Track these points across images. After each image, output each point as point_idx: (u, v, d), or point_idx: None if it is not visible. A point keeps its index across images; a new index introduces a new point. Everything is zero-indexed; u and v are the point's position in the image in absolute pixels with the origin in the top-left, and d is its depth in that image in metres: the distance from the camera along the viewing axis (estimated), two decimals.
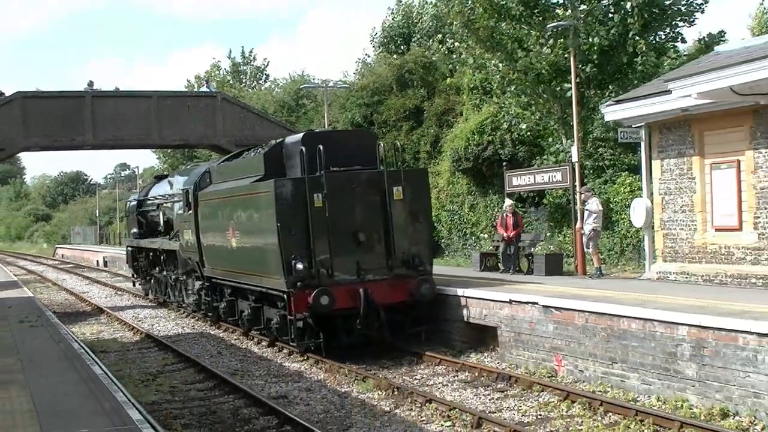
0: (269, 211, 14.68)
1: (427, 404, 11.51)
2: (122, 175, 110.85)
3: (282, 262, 14.33)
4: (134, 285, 30.96)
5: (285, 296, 14.67)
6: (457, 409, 10.84)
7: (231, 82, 61.44)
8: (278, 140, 17.03)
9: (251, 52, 65.58)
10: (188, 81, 62.69)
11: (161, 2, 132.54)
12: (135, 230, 28.99)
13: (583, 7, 22.01)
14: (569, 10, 21.81)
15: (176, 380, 14.05)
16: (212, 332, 19.67)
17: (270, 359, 15.73)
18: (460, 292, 15.28)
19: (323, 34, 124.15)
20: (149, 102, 28.81)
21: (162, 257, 24.70)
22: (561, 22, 20.75)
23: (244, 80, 63.85)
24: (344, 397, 12.42)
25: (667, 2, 22.58)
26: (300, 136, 15.94)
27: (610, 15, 22.19)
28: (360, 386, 12.96)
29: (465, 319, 15.04)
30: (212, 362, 15.52)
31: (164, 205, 25.39)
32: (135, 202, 28.72)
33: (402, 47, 41.26)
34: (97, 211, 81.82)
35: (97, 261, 50.94)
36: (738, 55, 13.28)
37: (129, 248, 29.32)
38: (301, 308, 14.49)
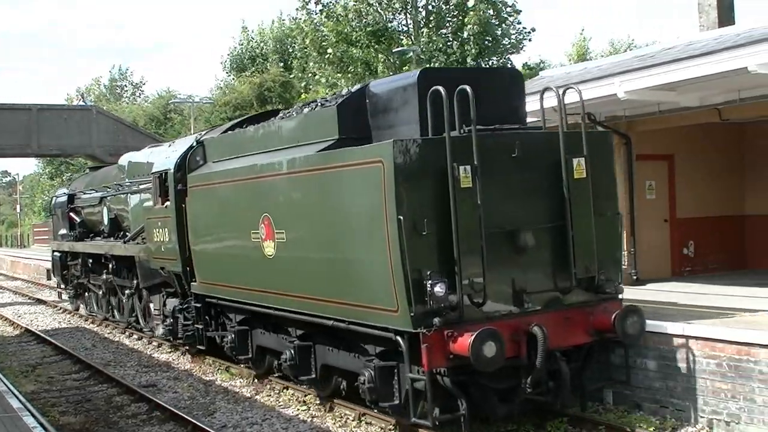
0: (376, 195, 7.87)
1: (284, 390, 11.34)
2: (3, 181, 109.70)
3: (404, 283, 7.61)
4: (61, 297, 23.12)
5: (399, 339, 7.98)
6: (312, 395, 10.55)
7: (108, 96, 64.37)
8: (357, 86, 9.84)
9: (127, 69, 71.05)
10: (68, 94, 67.76)
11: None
12: (64, 231, 20.86)
13: (425, 35, 24.25)
14: (413, 39, 24.21)
15: (54, 371, 14.27)
16: (87, 327, 19.51)
17: (140, 351, 15.80)
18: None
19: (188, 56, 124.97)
20: (29, 114, 30.20)
21: (110, 265, 17.42)
22: (405, 48, 22.85)
23: (123, 95, 67.50)
24: (209, 384, 12.40)
25: (499, 33, 25.42)
26: (413, 75, 8.75)
27: (449, 43, 24.64)
28: (223, 375, 12.89)
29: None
30: (87, 354, 15.59)
31: (110, 198, 18.12)
32: (65, 197, 21.03)
33: (251, 68, 43.08)
34: None
35: None
36: (559, 80, 13.28)
37: (56, 253, 21.68)
38: (440, 361, 7.75)
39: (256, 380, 11.98)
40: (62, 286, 22.04)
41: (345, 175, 8.55)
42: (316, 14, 27.56)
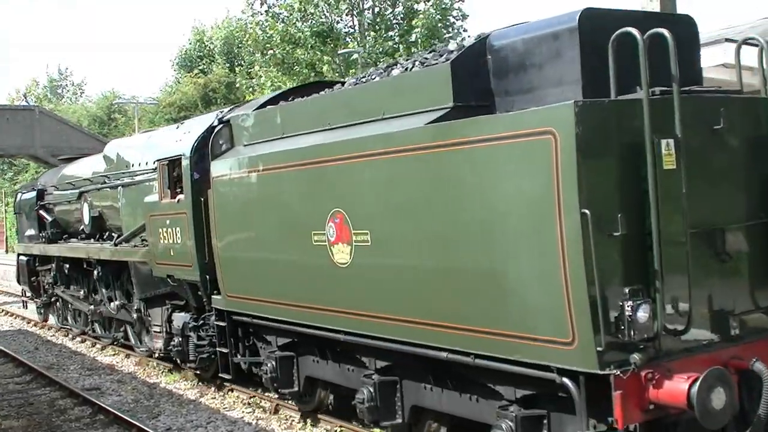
0: (540, 180, 5.58)
1: (229, 393, 11.15)
2: None
3: (589, 304, 5.33)
4: (25, 307, 20.01)
5: (569, 382, 5.72)
6: (256, 397, 10.56)
7: (49, 97, 63.47)
8: (477, 38, 7.21)
9: (66, 69, 70.60)
10: (9, 94, 66.81)
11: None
12: (32, 232, 17.95)
13: (371, 38, 24.17)
14: (358, 41, 24.03)
15: None
16: (30, 329, 19.14)
17: (84, 353, 15.44)
18: None
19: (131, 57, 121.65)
20: None
21: (96, 272, 14.67)
22: (350, 50, 22.60)
23: (64, 95, 66.62)
24: (153, 387, 12.15)
25: (447, 36, 24.94)
26: (571, 17, 6.20)
27: (396, 46, 24.27)
28: (168, 377, 12.56)
29: None
30: (29, 357, 15.18)
31: (93, 193, 15.11)
32: (32, 194, 18.16)
33: (200, 70, 43.24)
34: None
35: None
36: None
37: (22, 257, 18.79)
38: (635, 413, 5.45)
39: (200, 383, 11.75)
40: (28, 294, 19.10)
41: (482, 154, 6.18)
42: (261, 14, 27.46)
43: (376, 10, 26.99)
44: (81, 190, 15.37)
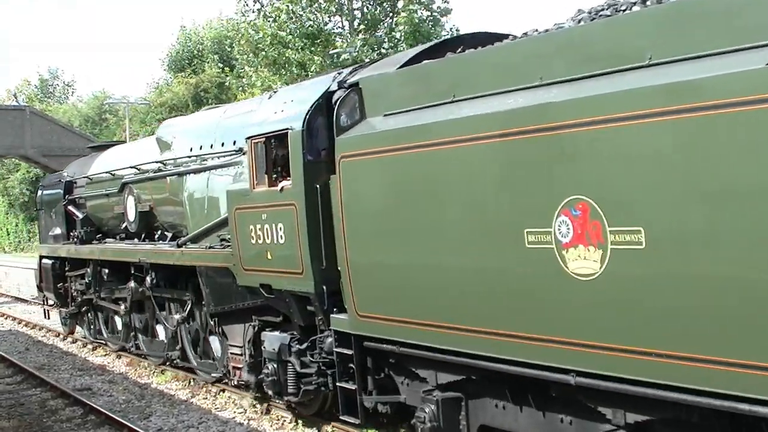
0: None
1: (220, 393, 11.05)
2: None
3: None
4: (47, 316, 17.54)
5: None
6: (248, 397, 10.31)
7: (40, 96, 63.49)
8: None
9: (57, 69, 70.34)
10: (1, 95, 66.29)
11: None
12: (59, 231, 15.62)
13: (360, 37, 24.77)
14: (348, 41, 24.68)
15: None
16: (21, 330, 19.14)
17: (75, 354, 15.31)
18: None
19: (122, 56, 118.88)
20: None
21: (149, 278, 12.02)
22: (340, 50, 23.11)
23: (54, 94, 66.81)
24: (144, 388, 12.03)
25: (432, 32, 25.32)
26: None
27: (383, 44, 25.07)
28: (159, 378, 12.43)
29: None
30: (20, 357, 15.00)
31: (141, 183, 12.38)
32: (59, 187, 15.63)
33: (189, 69, 43.55)
34: None
35: None
36: None
37: (47, 261, 16.19)
38: None
39: (191, 383, 11.64)
40: (51, 302, 16.57)
41: None
42: (254, 12, 27.72)
43: (365, 9, 27.32)
44: (124, 180, 12.87)
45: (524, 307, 5.92)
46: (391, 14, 26.95)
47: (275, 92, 9.45)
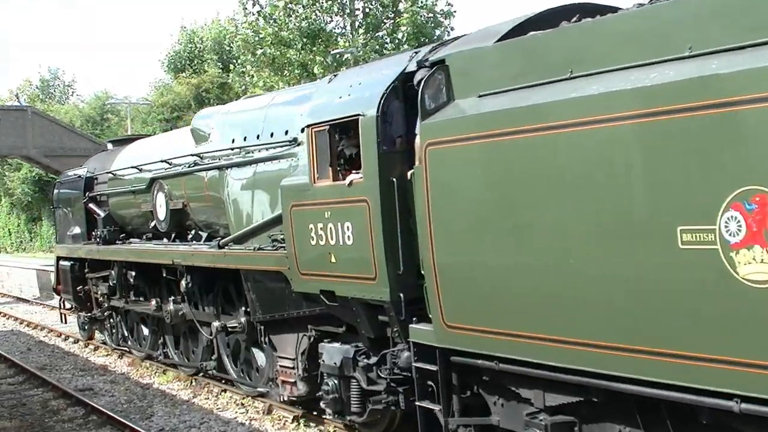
0: None
1: (222, 393, 11.03)
2: None
3: None
4: (64, 321, 16.67)
5: None
6: (249, 398, 10.38)
7: (41, 97, 63.86)
8: None
9: (57, 69, 70.08)
10: (2, 95, 66.50)
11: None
12: (78, 230, 14.73)
13: (361, 37, 24.79)
14: (350, 40, 24.71)
15: None
16: (22, 330, 19.10)
17: (77, 354, 15.27)
18: None
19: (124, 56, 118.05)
20: None
21: (186, 282, 10.96)
22: (342, 50, 23.10)
23: (55, 94, 67.12)
24: (146, 388, 12.01)
25: (436, 34, 25.33)
26: None
27: (386, 45, 25.27)
28: (161, 378, 12.39)
29: None
30: (22, 358, 15.00)
31: (173, 178, 11.47)
32: (79, 183, 14.61)
33: (189, 70, 43.84)
34: None
35: None
36: None
37: (65, 262, 15.18)
38: None
39: (193, 383, 11.60)
40: (68, 306, 15.65)
41: None
42: (253, 14, 27.49)
43: (366, 9, 27.17)
44: (153, 176, 11.93)
45: (673, 319, 4.99)
46: (393, 15, 26.82)
47: (335, 76, 8.52)
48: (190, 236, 11.37)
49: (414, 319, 7.14)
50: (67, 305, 15.71)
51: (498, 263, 6.13)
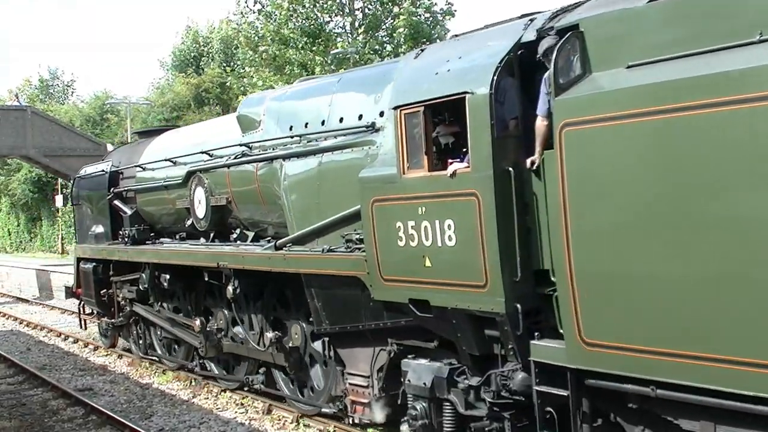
0: None
1: (222, 393, 10.98)
2: None
3: None
4: (84, 327, 15.33)
5: None
6: (249, 397, 10.38)
7: (41, 97, 63.77)
8: None
9: (57, 69, 69.61)
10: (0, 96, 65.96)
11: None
12: (101, 229, 13.51)
13: (361, 37, 24.94)
14: (349, 40, 24.86)
15: None
16: (22, 330, 19.06)
17: (76, 354, 15.19)
18: None
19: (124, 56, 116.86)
20: None
21: (234, 286, 9.61)
22: (341, 50, 23.25)
23: (54, 94, 66.85)
24: (146, 388, 11.98)
25: (434, 35, 25.39)
26: None
27: (385, 44, 25.33)
28: (160, 378, 12.36)
29: None
30: (22, 357, 14.90)
31: (215, 171, 10.24)
32: (102, 177, 13.35)
33: (194, 69, 43.82)
34: None
35: None
36: None
37: (86, 264, 13.85)
38: None
39: (193, 383, 11.59)
40: (88, 311, 14.54)
41: None
42: (254, 13, 27.69)
43: (366, 10, 27.21)
44: (191, 169, 10.83)
45: None
46: (391, 15, 26.68)
47: (422, 50, 7.42)
48: (234, 236, 10.27)
49: (536, 334, 6.06)
50: (87, 309, 14.56)
51: (662, 269, 5.06)
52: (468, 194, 6.30)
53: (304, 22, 26.00)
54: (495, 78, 6.15)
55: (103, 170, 13.44)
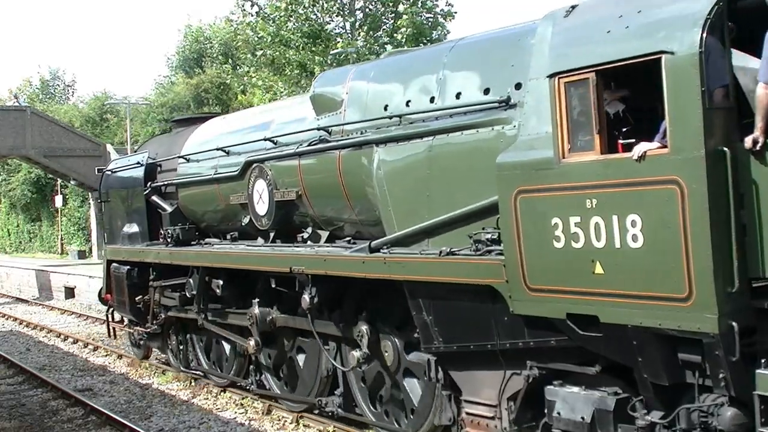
0: None
1: (221, 393, 11.12)
2: None
3: None
4: (113, 336, 13.86)
5: None
6: (249, 398, 10.52)
7: (41, 97, 63.72)
8: None
9: (58, 69, 69.43)
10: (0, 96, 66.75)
11: None
12: (136, 228, 12.11)
13: (361, 38, 25.13)
14: (350, 40, 24.93)
15: None
16: (21, 330, 19.37)
17: (76, 354, 15.30)
18: None
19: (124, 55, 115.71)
20: None
21: (311, 295, 8.29)
22: (342, 50, 23.37)
23: (55, 95, 66.72)
24: (145, 388, 12.07)
25: (435, 35, 25.61)
26: None
27: (385, 45, 24.91)
28: (160, 378, 12.46)
29: None
30: (21, 358, 15.08)
31: (281, 161, 8.94)
32: (138, 171, 12.05)
33: (196, 69, 44.05)
34: None
35: None
36: None
37: (120, 267, 12.39)
38: None
39: (193, 383, 11.58)
40: (117, 318, 13.23)
41: None
42: (252, 15, 27.66)
43: (366, 10, 27.16)
44: (250, 158, 9.52)
45: None
46: (392, 16, 26.73)
47: (572, 8, 6.11)
48: (305, 235, 8.95)
49: (762, 361, 4.78)
50: (117, 317, 13.23)
51: None
52: (665, 182, 5.02)
53: (303, 23, 26.07)
54: (704, 34, 4.85)
55: (138, 162, 12.09)
